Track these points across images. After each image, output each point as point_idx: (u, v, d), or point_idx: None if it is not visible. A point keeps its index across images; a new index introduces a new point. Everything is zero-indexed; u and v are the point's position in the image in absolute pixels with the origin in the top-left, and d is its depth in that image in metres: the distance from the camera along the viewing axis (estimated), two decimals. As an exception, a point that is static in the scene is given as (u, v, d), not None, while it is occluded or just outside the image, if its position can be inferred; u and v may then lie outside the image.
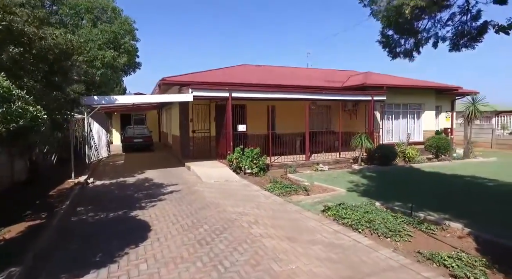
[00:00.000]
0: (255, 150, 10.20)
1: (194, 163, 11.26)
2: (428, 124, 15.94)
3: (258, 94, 10.76)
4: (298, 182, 8.67)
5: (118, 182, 8.85)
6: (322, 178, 9.33)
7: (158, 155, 15.51)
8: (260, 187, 8.07)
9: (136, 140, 16.49)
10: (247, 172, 10.00)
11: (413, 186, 8.39)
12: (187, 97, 9.80)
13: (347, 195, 7.14)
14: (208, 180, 8.93)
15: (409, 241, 4.37)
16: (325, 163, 11.90)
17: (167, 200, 6.82)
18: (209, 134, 12.88)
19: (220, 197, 7.10)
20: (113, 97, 8.89)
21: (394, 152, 11.83)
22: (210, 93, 10.12)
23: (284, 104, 12.97)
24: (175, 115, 13.68)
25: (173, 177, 9.63)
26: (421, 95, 15.37)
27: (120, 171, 10.85)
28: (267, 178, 9.34)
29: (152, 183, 8.70)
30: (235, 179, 9.21)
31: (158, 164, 12.34)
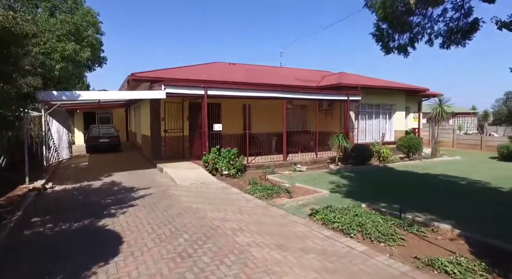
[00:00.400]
0: (232, 151, 9.77)
1: (166, 165, 10.58)
2: (398, 124, 16.43)
3: (236, 92, 10.33)
4: (279, 183, 8.37)
5: (82, 187, 8.00)
6: (302, 179, 9.11)
7: (126, 156, 14.52)
8: (240, 190, 7.66)
9: (102, 140, 15.33)
10: (224, 174, 9.55)
11: (393, 185, 8.43)
12: (159, 94, 9.13)
13: (331, 197, 6.95)
14: (183, 183, 8.36)
15: (403, 245, 4.20)
16: (302, 164, 11.75)
17: (140, 206, 6.19)
18: (182, 133, 12.23)
19: (198, 201, 6.59)
20: (76, 93, 8.01)
21: (370, 152, 11.96)
22: (185, 91, 9.53)
23: (259, 103, 12.64)
24: (145, 114, 12.85)
25: (145, 179, 8.93)
26: (392, 96, 15.78)
27: (84, 174, 9.91)
28: (245, 180, 8.95)
29: (121, 187, 7.96)
30: (212, 181, 8.72)
31: (126, 165, 11.48)
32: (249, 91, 10.65)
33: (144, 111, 13.26)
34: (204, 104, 9.87)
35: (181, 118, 12.18)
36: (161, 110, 11.81)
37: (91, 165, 11.77)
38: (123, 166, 11.42)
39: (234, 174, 9.33)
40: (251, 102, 13.37)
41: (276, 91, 11.24)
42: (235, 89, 10.34)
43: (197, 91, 9.73)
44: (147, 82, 11.12)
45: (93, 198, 6.84)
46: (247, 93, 10.59)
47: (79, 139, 21.53)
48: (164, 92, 9.16)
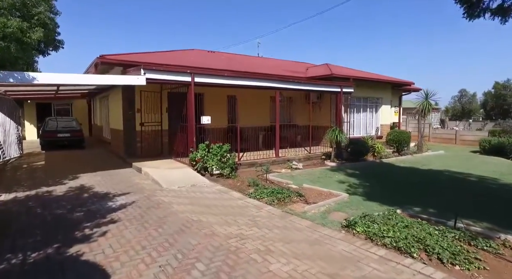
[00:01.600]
0: (224, 147, 8.51)
1: (144, 164, 9.04)
2: (384, 118, 16.13)
3: (226, 80, 9.03)
4: (284, 184, 7.32)
5: (41, 195, 6.31)
6: (306, 178, 8.14)
7: (92, 153, 12.57)
8: (242, 194, 6.48)
9: (61, 135, 13.17)
10: (215, 174, 8.28)
11: (408, 184, 7.72)
12: (138, 80, 7.58)
13: (351, 201, 6.02)
14: (170, 186, 6.98)
15: (484, 268, 3.34)
16: (296, 160, 10.80)
17: (124, 221, 4.78)
18: (160, 127, 10.67)
19: (197, 210, 5.32)
20: (29, 75, 6.24)
21: (367, 147, 11.33)
22: (168, 76, 8.04)
23: (244, 95, 11.43)
24: (116, 105, 11.07)
25: (121, 183, 7.39)
26: (379, 89, 15.37)
27: (42, 177, 8.08)
28: (243, 181, 7.77)
29: (93, 193, 6.40)
30: (205, 183, 7.43)
31: (95, 165, 9.73)
32: (241, 79, 9.39)
33: (114, 101, 11.45)
34: (190, 93, 8.47)
35: (159, 110, 10.61)
36: (136, 100, 10.15)
37: (49, 165, 9.82)
38: (90, 165, 9.65)
39: (228, 174, 8.10)
40: (237, 92, 12.15)
41: (270, 81, 10.11)
42: (225, 77, 9.03)
43: (183, 77, 8.29)
44: (120, 66, 9.41)
45: (57, 211, 5.27)
46: (238, 82, 9.34)
47: (31, 134, 18.77)
48: (144, 78, 7.63)
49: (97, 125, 16.28)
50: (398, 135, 13.38)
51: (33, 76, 6.31)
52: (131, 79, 7.55)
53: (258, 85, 9.82)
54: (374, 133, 15.47)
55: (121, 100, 10.17)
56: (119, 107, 10.50)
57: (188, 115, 8.65)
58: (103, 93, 13.19)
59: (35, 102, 18.24)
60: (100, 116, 15.10)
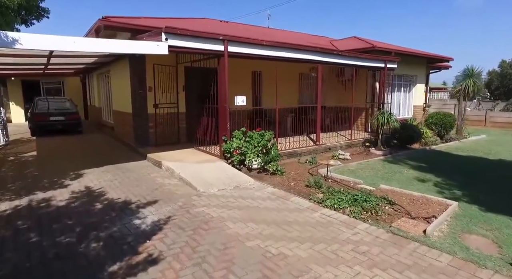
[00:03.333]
0: (266, 135, 6.79)
1: (162, 155, 7.30)
2: (417, 98, 14.48)
3: (264, 51, 7.15)
4: (349, 183, 5.71)
5: (35, 206, 4.57)
6: (371, 174, 6.54)
7: (92, 140, 10.70)
8: (308, 200, 4.85)
9: (53, 118, 11.20)
10: (254, 168, 6.62)
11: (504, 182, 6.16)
12: (158, 48, 5.67)
13: (466, 211, 4.43)
14: (208, 189, 5.30)
15: None
16: (337, 148, 9.19)
17: (169, 258, 3.10)
18: (176, 110, 8.82)
19: (265, 232, 3.69)
20: (7, 35, 4.30)
21: (418, 132, 9.70)
22: (196, 44, 6.13)
23: (272, 71, 9.56)
24: (122, 82, 9.12)
25: (140, 183, 5.67)
26: (415, 65, 13.59)
27: (34, 174, 6.30)
28: (294, 178, 6.14)
29: (107, 203, 4.68)
30: (249, 182, 5.77)
31: (99, 156, 7.94)
32: (281, 50, 7.52)
33: (119, 78, 9.47)
34: (223, 67, 6.60)
35: (174, 89, 8.72)
36: (146, 77, 8.22)
37: (43, 157, 7.98)
38: (94, 157, 7.86)
39: (274, 170, 6.42)
40: (262, 69, 10.32)
41: (312, 52, 8.24)
42: (264, 46, 7.15)
43: (214, 45, 6.39)
44: (127, 31, 7.42)
45: (62, 239, 3.55)
46: (278, 53, 7.46)
47: (18, 116, 16.65)
48: (166, 45, 5.72)
49: (95, 107, 14.25)
50: (442, 118, 11.76)
51: (14, 37, 4.36)
52: (149, 46, 5.63)
53: (299, 57, 7.96)
54: (408, 115, 13.87)
55: (129, 76, 8.22)
56: (126, 84, 8.56)
57: (220, 95, 6.82)
58: (103, 68, 11.13)
59: (20, 79, 15.98)
60: (99, 96, 13.07)
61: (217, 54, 6.56)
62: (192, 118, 9.11)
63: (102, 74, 12.04)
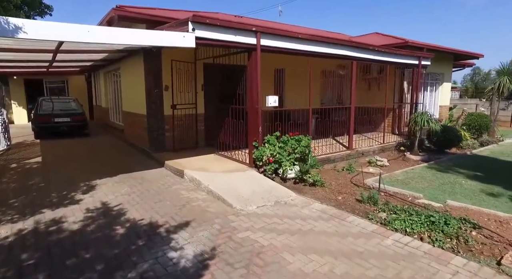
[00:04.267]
0: (303, 140, 5.97)
1: (183, 162, 6.49)
2: (443, 98, 13.62)
3: (299, 45, 6.33)
4: (406, 197, 4.90)
5: (43, 230, 3.75)
6: (426, 185, 5.72)
7: (100, 144, 9.90)
8: (366, 219, 4.03)
9: (58, 119, 10.39)
10: (290, 178, 5.82)
11: None
12: (185, 40, 4.85)
13: None
14: (246, 206, 4.49)
15: None
16: (370, 153, 8.37)
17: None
18: (195, 111, 8.00)
19: (338, 270, 2.87)
20: (8, 21, 3.49)
21: (458, 136, 8.85)
22: (226, 36, 5.31)
23: (295, 68, 8.73)
24: (135, 80, 8.31)
25: (163, 198, 4.86)
26: (442, 62, 12.71)
27: (40, 186, 5.49)
28: (340, 191, 5.32)
29: (130, 226, 3.87)
30: (290, 196, 4.95)
31: (110, 162, 7.13)
32: (316, 44, 6.69)
33: (132, 76, 8.66)
34: (254, 62, 5.78)
35: (192, 87, 7.89)
36: (163, 74, 7.41)
37: (49, 164, 7.18)
38: (105, 164, 7.06)
39: (314, 181, 5.59)
40: (286, 66, 9.48)
41: (347, 47, 7.41)
42: (299, 39, 6.33)
43: (245, 38, 5.57)
44: (143, 22, 6.61)
45: (81, 280, 2.75)
46: (313, 47, 6.64)
47: (20, 117, 15.86)
48: (192, 36, 4.91)
49: (101, 107, 13.44)
50: (477, 119, 10.92)
51: (16, 24, 3.55)
52: (174, 37, 4.80)
53: (334, 53, 7.13)
54: (434, 116, 13.02)
55: (143, 73, 7.41)
56: (139, 83, 7.75)
57: (250, 95, 6.00)
58: (112, 65, 10.31)
59: (23, 78, 15.18)
60: (106, 95, 12.26)
61: (248, 48, 5.74)
62: (211, 120, 8.31)
63: (110, 72, 11.22)
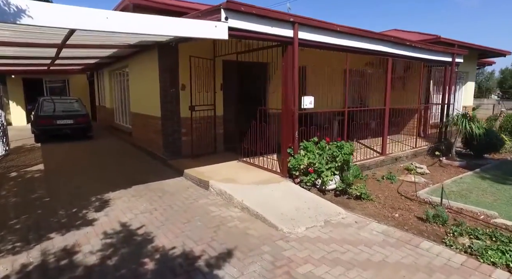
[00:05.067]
0: (345, 146, 5.24)
1: (205, 171, 5.75)
2: (467, 98, 12.94)
3: (337, 39, 5.62)
4: (477, 215, 4.18)
5: (51, 267, 2.99)
6: (492, 199, 5.00)
7: (107, 147, 9.14)
8: (443, 246, 3.31)
9: (60, 121, 9.62)
10: (329, 189, 5.10)
11: None
12: (217, 31, 4.11)
13: None
14: (293, 228, 3.75)
15: None
16: (403, 158, 7.66)
17: None
18: (213, 112, 7.25)
19: None
20: (14, 4, 2.76)
21: (501, 139, 8.14)
22: (262, 27, 4.58)
23: (317, 66, 7.97)
24: (147, 79, 7.56)
25: (190, 216, 4.12)
26: (467, 61, 11.98)
27: (44, 202, 4.73)
28: (395, 207, 4.60)
29: (159, 258, 3.11)
30: (341, 215, 4.21)
31: (122, 171, 6.38)
32: (351, 38, 5.97)
33: (142, 74, 7.91)
34: (291, 57, 5.05)
35: (211, 87, 7.14)
36: (179, 72, 6.66)
37: (52, 172, 6.41)
38: (115, 172, 6.30)
39: (360, 194, 4.86)
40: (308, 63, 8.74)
41: (384, 43, 6.69)
42: (337, 33, 5.61)
43: (281, 29, 4.84)
44: (161, 14, 5.84)
45: None
46: (348, 42, 5.92)
47: (19, 118, 15.04)
48: (225, 26, 4.17)
49: (105, 108, 12.66)
50: (512, 120, 10.22)
51: (19, 6, 2.80)
52: (206, 27, 4.06)
53: (370, 48, 6.42)
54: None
55: (158, 71, 6.65)
56: (152, 82, 7.00)
57: (285, 95, 5.26)
58: (118, 63, 9.55)
59: (21, 77, 14.37)
60: (111, 95, 11.49)
61: (283, 42, 5.00)
62: (231, 123, 7.59)
63: (116, 70, 10.46)
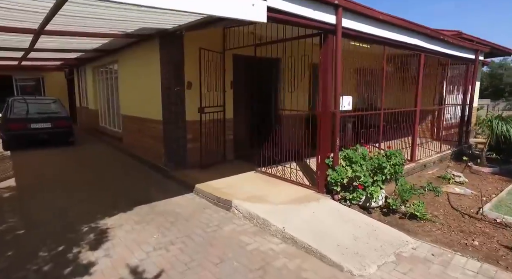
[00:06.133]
0: (394, 155, 4.40)
1: (222, 185, 4.76)
2: (475, 98, 12.54)
3: (379, 30, 4.80)
4: None
5: None
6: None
7: (93, 156, 7.89)
8: None
9: (35, 125, 8.24)
10: (373, 207, 4.26)
11: None
12: (253, 11, 3.15)
13: None
14: (362, 268, 2.84)
15: None
16: (431, 164, 6.98)
17: None
18: (222, 115, 6.23)
19: None
20: None
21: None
22: (303, 9, 3.65)
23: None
24: (143, 75, 6.44)
25: (220, 252, 3.11)
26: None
27: (17, 235, 3.58)
28: (463, 230, 3.80)
29: None
30: (410, 244, 3.34)
31: (117, 187, 5.24)
32: (391, 29, 5.17)
33: (135, 70, 6.77)
34: (337, 48, 4.16)
35: (220, 85, 6.13)
36: (185, 66, 5.61)
37: (27, 189, 5.17)
38: (108, 187, 5.16)
39: (417, 213, 4.02)
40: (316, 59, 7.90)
41: (418, 35, 5.93)
42: (377, 23, 4.79)
43: (323, 14, 3.93)
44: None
45: None
46: (388, 34, 5.11)
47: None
48: (264, 6, 3.21)
49: (88, 109, 11.26)
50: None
51: None
52: (240, 5, 3.07)
53: (406, 42, 5.64)
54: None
55: (159, 65, 5.57)
56: (151, 79, 5.91)
57: (324, 95, 4.35)
58: (105, 58, 8.30)
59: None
60: (95, 95, 10.17)
61: (325, 29, 4.09)
62: (242, 127, 6.63)
63: (101, 67, 9.19)
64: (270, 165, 5.50)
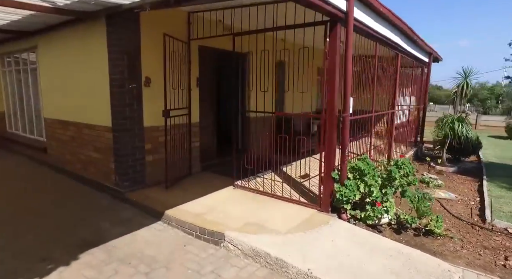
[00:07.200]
0: (404, 164, 3.94)
1: (200, 209, 3.72)
2: (411, 100, 13.48)
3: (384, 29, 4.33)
4: None
5: None
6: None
7: (6, 172, 5.88)
8: None
9: None
10: (381, 224, 3.77)
11: None
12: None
13: None
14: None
15: None
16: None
17: None
18: (187, 118, 5.09)
19: None
20: None
21: (480, 142, 8.12)
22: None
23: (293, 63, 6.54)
24: (82, 66, 4.88)
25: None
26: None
27: None
28: (484, 245, 3.50)
29: None
30: (452, 274, 2.85)
31: (49, 217, 3.74)
32: (388, 26, 4.76)
33: (69, 59, 5.14)
34: (347, 36, 3.48)
35: (185, 82, 4.98)
36: (141, 56, 4.35)
37: None
38: (41, 222, 3.63)
39: (434, 230, 3.61)
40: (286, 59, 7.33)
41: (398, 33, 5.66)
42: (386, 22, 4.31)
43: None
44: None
45: None
46: (384, 31, 4.68)
47: None
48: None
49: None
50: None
51: None
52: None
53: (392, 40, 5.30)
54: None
55: (106, 54, 4.18)
56: (95, 70, 4.46)
57: (330, 96, 3.63)
58: (18, 43, 6.25)
59: None
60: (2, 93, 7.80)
61: (333, 16, 3.38)
62: (207, 132, 5.62)
63: (10, 54, 7.03)
64: (247, 177, 4.64)
